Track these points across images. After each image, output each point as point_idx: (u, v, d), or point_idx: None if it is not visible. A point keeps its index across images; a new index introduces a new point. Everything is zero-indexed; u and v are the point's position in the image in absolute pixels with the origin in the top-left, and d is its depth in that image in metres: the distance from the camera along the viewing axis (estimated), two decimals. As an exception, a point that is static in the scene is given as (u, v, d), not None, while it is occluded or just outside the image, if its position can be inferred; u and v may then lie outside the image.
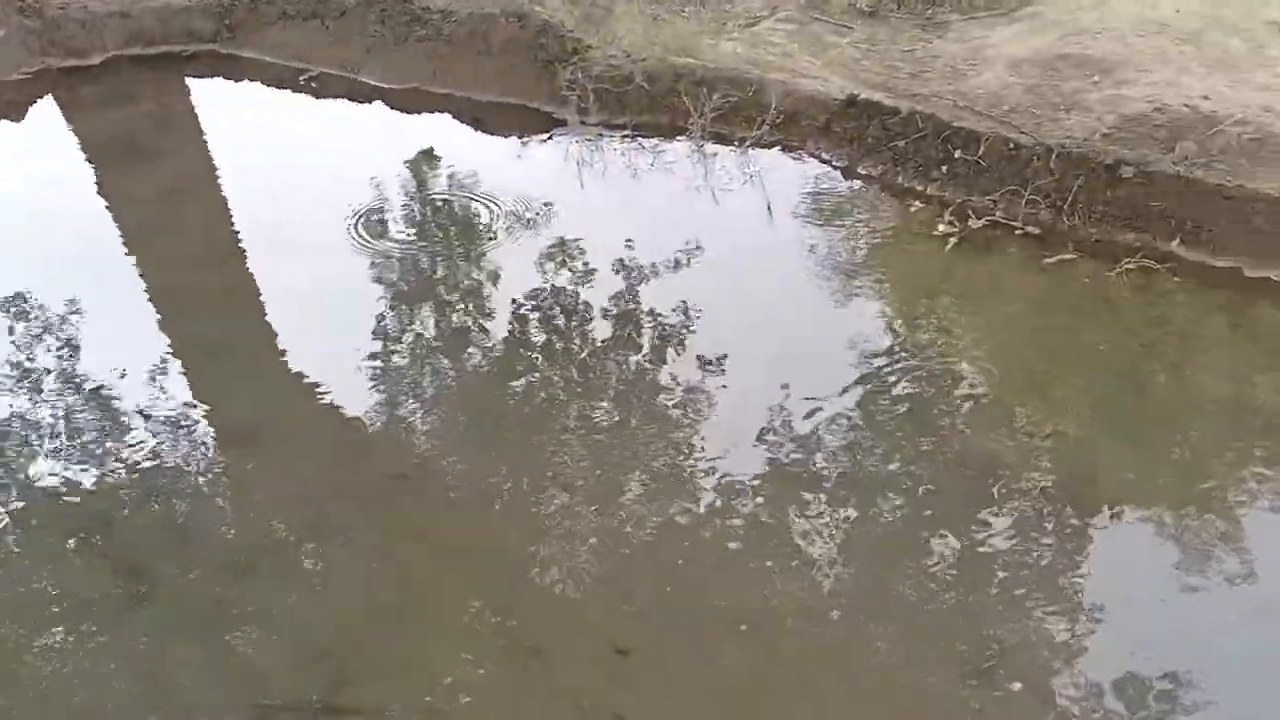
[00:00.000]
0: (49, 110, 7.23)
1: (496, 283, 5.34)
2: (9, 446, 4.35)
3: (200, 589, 3.72)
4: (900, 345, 4.69)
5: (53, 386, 4.70)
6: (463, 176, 6.29)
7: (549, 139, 6.52)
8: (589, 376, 4.65)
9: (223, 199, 6.22)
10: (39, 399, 4.62)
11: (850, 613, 3.54)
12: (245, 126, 6.98)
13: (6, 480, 4.19)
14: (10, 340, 5.00)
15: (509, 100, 6.84)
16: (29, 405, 4.58)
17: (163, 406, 4.54)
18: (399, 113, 6.98)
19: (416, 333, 5.00)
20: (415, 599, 3.69)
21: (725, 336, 4.78)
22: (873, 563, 3.71)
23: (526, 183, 6.07)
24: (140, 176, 6.46)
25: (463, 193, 6.10)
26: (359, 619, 3.61)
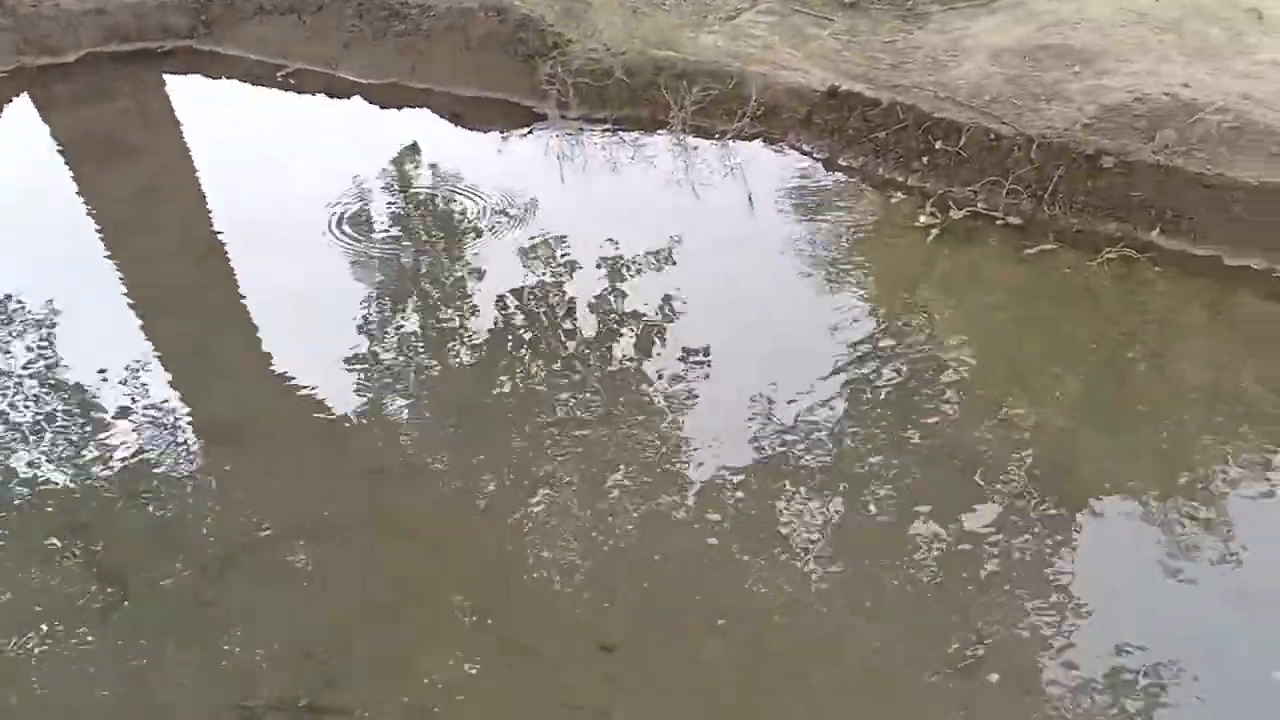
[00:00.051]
0: (25, 109, 7.16)
1: (477, 279, 5.30)
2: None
3: (181, 589, 3.69)
4: (882, 337, 4.68)
5: (31, 386, 4.66)
6: (443, 172, 6.25)
7: (529, 133, 6.49)
8: (571, 372, 4.62)
9: (201, 196, 6.17)
10: (15, 399, 4.58)
11: (835, 606, 3.52)
12: (223, 123, 6.93)
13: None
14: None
15: (489, 95, 6.81)
16: (5, 406, 4.54)
17: (141, 405, 4.50)
18: (378, 108, 6.94)
19: (397, 329, 4.97)
20: (399, 597, 3.66)
21: (707, 330, 4.76)
22: (857, 555, 3.70)
23: (507, 178, 6.04)
24: (118, 174, 6.41)
25: (443, 189, 6.07)
26: (342, 618, 3.58)
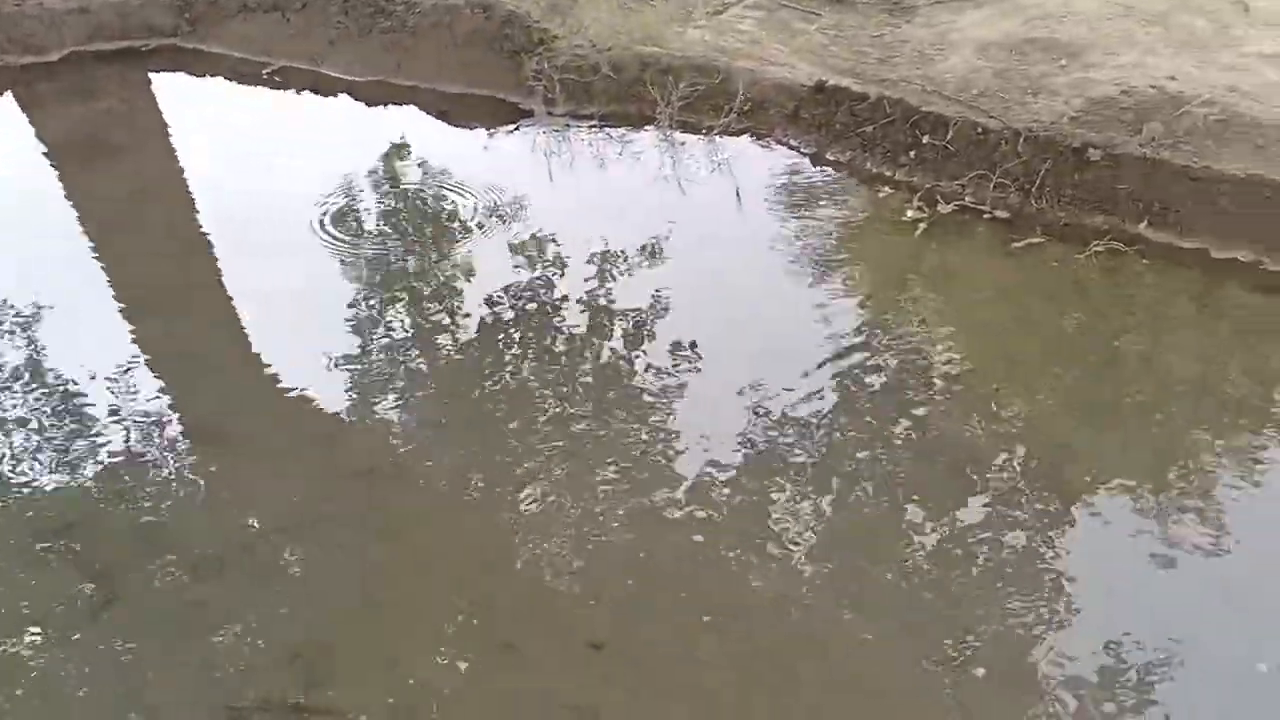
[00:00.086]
0: (8, 108, 7.11)
1: (464, 277, 5.28)
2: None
3: (169, 590, 3.66)
4: (869, 332, 4.66)
5: (16, 387, 4.63)
6: (430, 169, 6.22)
7: (516, 130, 6.46)
8: (559, 369, 4.60)
9: (187, 195, 6.13)
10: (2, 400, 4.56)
11: (825, 602, 3.51)
12: (208, 121, 6.89)
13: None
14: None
15: (475, 91, 6.77)
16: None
17: (129, 405, 4.47)
18: (364, 105, 6.90)
19: (385, 327, 4.94)
20: (387, 596, 3.64)
21: (695, 327, 4.75)
22: (847, 551, 3.69)
23: (494, 174, 6.01)
24: (103, 173, 6.38)
25: (430, 186, 6.04)
26: (330, 617, 3.56)
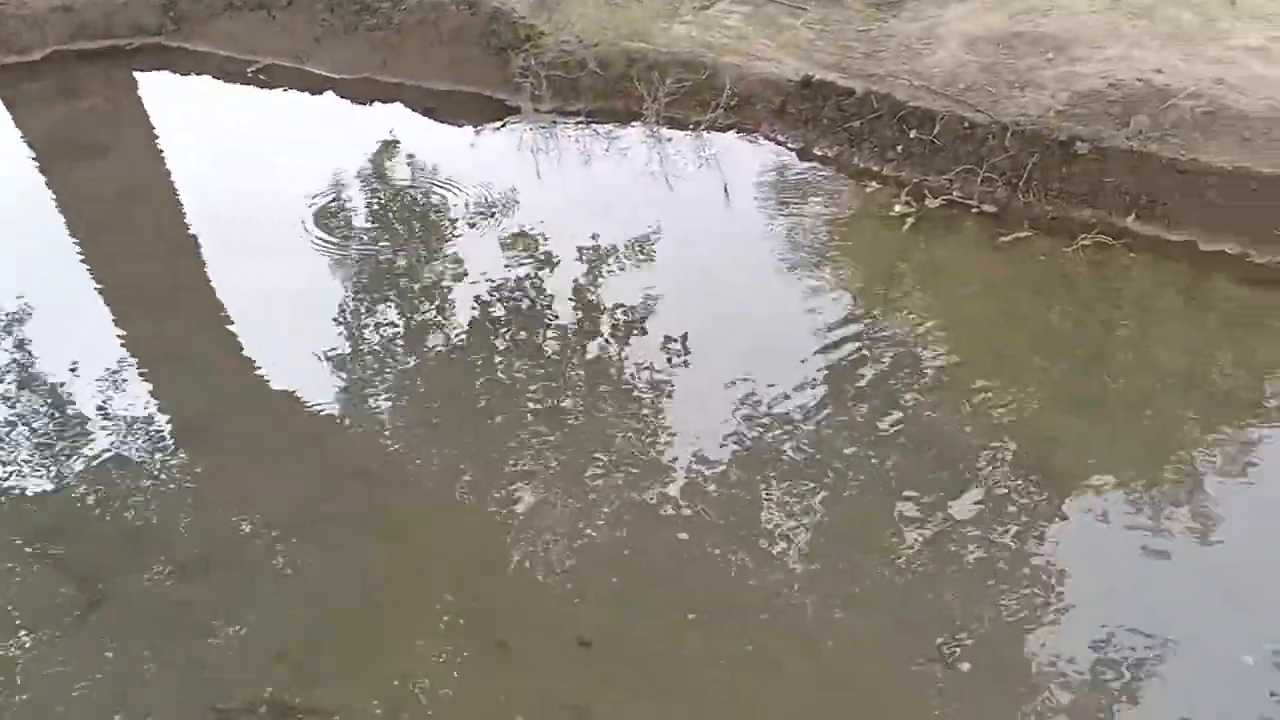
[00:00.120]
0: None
1: (451, 274, 5.25)
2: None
3: (156, 591, 3.65)
4: (857, 326, 4.65)
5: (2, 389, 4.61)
6: (417, 166, 6.20)
7: (503, 127, 6.44)
8: (547, 366, 4.59)
9: (174, 194, 6.10)
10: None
11: (817, 598, 3.51)
12: (193, 120, 6.85)
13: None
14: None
15: (462, 88, 6.75)
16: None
17: (116, 406, 4.44)
18: (350, 103, 6.87)
19: (373, 326, 4.93)
20: (377, 595, 3.63)
21: (683, 322, 4.74)
22: (837, 546, 3.69)
23: (482, 171, 5.99)
24: (88, 172, 6.34)
25: (417, 183, 6.02)
26: (320, 617, 3.55)
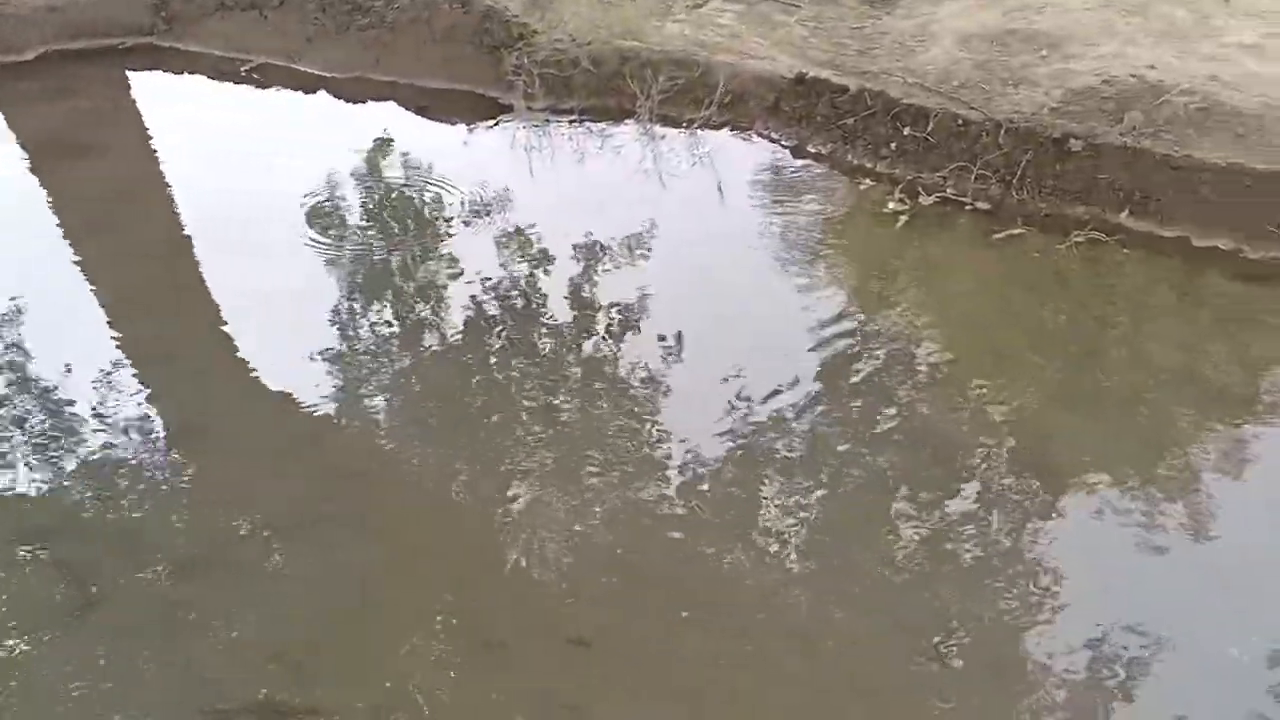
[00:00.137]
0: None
1: (445, 273, 5.24)
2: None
3: (154, 592, 3.64)
4: (851, 324, 4.65)
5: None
6: (410, 165, 6.18)
7: (496, 125, 6.42)
8: (542, 365, 4.58)
9: (167, 194, 6.08)
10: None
11: (814, 597, 3.51)
12: (186, 119, 6.83)
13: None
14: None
15: (455, 87, 6.73)
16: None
17: (112, 406, 4.43)
18: (343, 102, 6.85)
19: (368, 326, 4.91)
20: (375, 595, 3.62)
21: (677, 320, 4.73)
22: (834, 544, 3.69)
23: (475, 169, 5.98)
24: (81, 172, 6.32)
25: (411, 182, 6.00)
26: (317, 617, 3.54)
